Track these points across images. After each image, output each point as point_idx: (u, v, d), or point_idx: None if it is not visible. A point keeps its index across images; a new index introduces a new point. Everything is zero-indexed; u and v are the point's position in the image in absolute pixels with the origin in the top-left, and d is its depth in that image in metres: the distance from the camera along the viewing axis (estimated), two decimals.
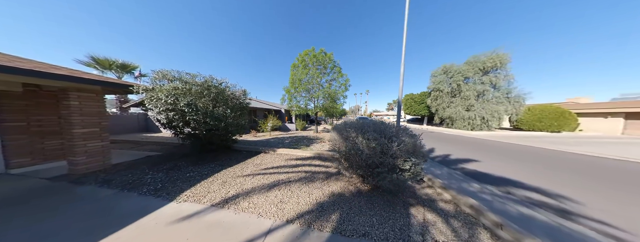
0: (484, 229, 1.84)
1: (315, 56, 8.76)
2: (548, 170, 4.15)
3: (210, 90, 3.95)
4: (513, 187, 3.12)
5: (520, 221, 1.97)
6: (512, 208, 2.33)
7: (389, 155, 2.25)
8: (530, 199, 2.65)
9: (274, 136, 8.57)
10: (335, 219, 1.97)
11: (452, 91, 15.25)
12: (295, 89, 9.06)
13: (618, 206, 2.56)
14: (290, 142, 6.86)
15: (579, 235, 1.86)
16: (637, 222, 2.18)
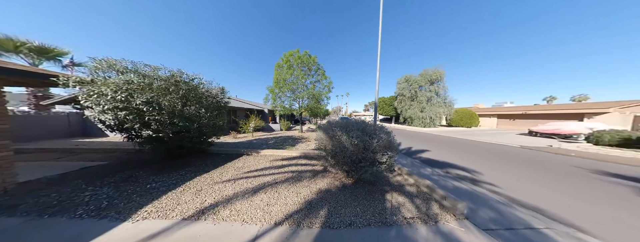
0: (435, 202, 2.16)
1: (300, 58, 8.50)
2: (466, 153, 5.36)
3: (178, 86, 3.23)
4: (450, 168, 3.85)
5: (454, 191, 2.47)
6: (449, 183, 2.88)
7: (370, 150, 2.34)
8: (459, 175, 3.33)
9: (256, 137, 7.83)
10: (323, 214, 1.91)
11: (411, 96, 17.79)
12: (279, 89, 8.54)
13: (499, 174, 3.46)
14: (275, 142, 6.41)
15: (481, 195, 2.42)
16: (505, 182, 3.01)
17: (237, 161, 3.86)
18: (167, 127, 2.90)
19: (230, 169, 3.33)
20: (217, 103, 4.09)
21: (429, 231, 1.64)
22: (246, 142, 6.52)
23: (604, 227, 1.87)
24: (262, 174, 3.06)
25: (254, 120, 8.19)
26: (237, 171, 3.19)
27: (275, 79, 8.66)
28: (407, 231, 1.63)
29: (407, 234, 1.59)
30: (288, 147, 5.34)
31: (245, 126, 8.09)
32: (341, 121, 3.07)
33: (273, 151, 4.68)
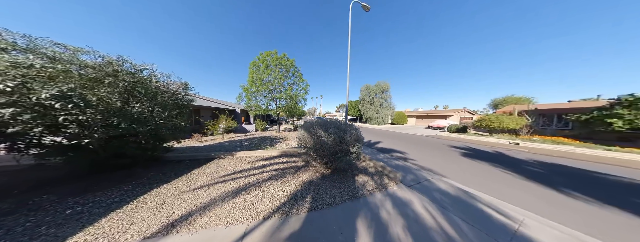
0: (385, 176, 2.83)
1: (278, 59, 8.00)
2: (404, 142, 7.18)
3: (118, 77, 2.33)
4: (397, 153, 5.01)
5: (394, 166, 3.32)
6: (392, 162, 3.80)
7: (344, 143, 2.69)
8: (400, 158, 4.44)
9: (228, 139, 6.68)
10: (308, 201, 2.03)
11: (370, 101, 21.18)
12: (256, 88, 7.67)
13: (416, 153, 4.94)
14: (251, 143, 5.76)
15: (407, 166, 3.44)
16: (417, 156, 4.36)
17: (207, 166, 3.23)
18: (96, 131, 2.03)
19: (201, 175, 2.77)
20: (176, 101, 3.23)
21: (381, 195, 2.15)
22: (216, 144, 5.47)
23: (447, 171, 3.12)
24: (241, 176, 2.76)
25: (224, 120, 6.95)
26: (210, 176, 2.70)
27: (251, 77, 7.75)
28: (370, 198, 2.06)
29: (369, 201, 2.01)
30: (267, 148, 4.99)
31: (213, 127, 6.72)
32: (320, 121, 3.28)
33: (251, 152, 4.24)
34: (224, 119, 6.95)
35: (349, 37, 5.38)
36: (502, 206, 1.98)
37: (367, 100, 21.57)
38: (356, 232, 1.48)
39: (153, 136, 2.67)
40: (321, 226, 1.55)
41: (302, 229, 1.52)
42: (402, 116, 21.84)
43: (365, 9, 5.54)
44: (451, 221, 1.65)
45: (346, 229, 1.52)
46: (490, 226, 1.61)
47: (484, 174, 3.21)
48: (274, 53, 8.04)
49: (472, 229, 1.55)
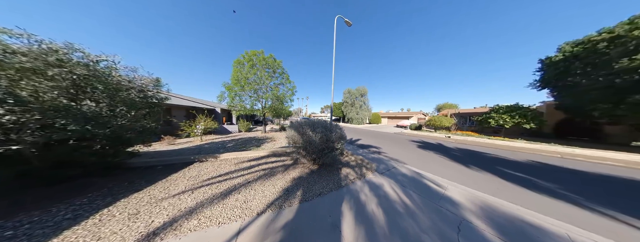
0: (364, 167, 3.26)
1: (265, 59, 7.59)
2: (379, 139, 8.17)
3: (63, 67, 1.84)
4: (373, 148, 5.70)
5: (371, 159, 3.84)
6: (369, 155, 4.35)
7: (330, 141, 2.97)
8: (375, 151, 5.11)
9: (208, 141, 5.92)
10: (299, 194, 2.16)
11: (352, 103, 22.76)
12: (241, 88, 7.05)
13: (387, 147, 5.85)
14: (236, 145, 5.33)
15: (381, 158, 4.08)
16: (388, 149, 5.21)
17: (187, 170, 2.89)
18: (30, 134, 1.57)
19: (181, 180, 2.48)
20: (146, 99, 2.75)
21: (361, 182, 2.51)
22: (194, 147, 4.81)
23: (407, 159, 3.89)
24: (229, 177, 2.62)
25: (203, 121, 6.13)
26: (193, 181, 2.46)
27: (235, 76, 7.10)
28: (352, 186, 2.38)
29: (351, 188, 2.33)
30: (253, 148, 4.77)
31: (189, 129, 5.83)
32: (309, 121, 3.45)
33: (236, 154, 3.99)
34: (203, 119, 6.12)
35: (334, 49, 5.76)
36: (437, 179, 2.68)
37: (349, 102, 23.16)
38: (341, 213, 1.74)
39: (114, 140, 2.21)
40: (312, 213, 1.74)
41: (295, 218, 1.65)
42: (377, 117, 24.45)
43: (347, 24, 6.06)
44: (407, 194, 2.15)
45: (333, 212, 1.76)
46: (430, 193, 2.20)
47: (429, 159, 4.23)
48: (260, 53, 7.64)
49: (419, 197, 2.08)
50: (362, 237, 1.39)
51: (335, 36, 5.78)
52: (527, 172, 3.44)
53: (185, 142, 5.50)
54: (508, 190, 2.56)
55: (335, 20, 5.67)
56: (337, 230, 1.47)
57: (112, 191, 2.03)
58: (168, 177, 2.54)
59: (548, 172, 3.48)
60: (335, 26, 5.71)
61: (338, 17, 5.66)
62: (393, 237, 1.40)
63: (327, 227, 1.50)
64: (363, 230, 1.48)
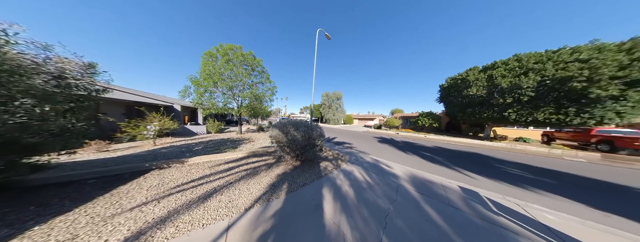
0: (340, 159, 3.76)
1: (244, 56, 6.67)
2: (351, 137, 9.29)
3: None
4: (347, 144, 6.47)
5: (345, 153, 4.45)
6: (344, 150, 4.98)
7: (312, 138, 3.23)
8: (348, 147, 5.89)
9: (166, 144, 4.58)
10: (286, 187, 2.26)
11: (329, 105, 24.08)
12: (213, 83, 5.88)
13: (357, 143, 6.93)
14: (206, 147, 4.47)
15: (352, 152, 4.83)
16: (357, 144, 6.22)
17: (142, 180, 2.27)
18: None
19: (137, 191, 1.95)
20: (67, 89, 1.91)
21: (337, 171, 2.93)
22: (146, 153, 3.65)
23: (370, 151, 4.87)
24: (206, 181, 2.32)
25: (158, 120, 4.70)
26: (156, 190, 2.00)
27: (204, 70, 5.88)
28: (330, 175, 2.75)
29: (330, 176, 2.69)
30: (230, 150, 4.24)
31: (135, 130, 4.29)
32: (292, 121, 3.55)
33: (210, 157, 3.45)
34: (157, 119, 4.68)
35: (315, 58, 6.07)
36: (388, 162, 3.57)
37: (327, 104, 24.51)
38: (322, 196, 2.03)
39: (7, 147, 1.44)
40: (299, 201, 1.93)
41: (283, 206, 1.77)
42: (350, 118, 27.17)
43: (327, 37, 6.56)
44: (369, 175, 2.77)
45: (316, 196, 2.02)
46: (383, 172, 2.94)
47: (384, 150, 5.43)
48: (238, 48, 6.74)
49: (377, 176, 2.75)
50: (338, 209, 1.74)
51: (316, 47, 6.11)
52: (431, 152, 5.30)
53: (126, 148, 4.03)
54: (421, 164, 3.88)
55: (317, 33, 6.02)
56: (320, 208, 1.75)
57: (6, 221, 1.33)
58: (113, 190, 1.92)
59: (439, 152, 5.43)
60: (317, 38, 6.06)
61: (319, 30, 6.03)
62: (359, 204, 1.84)
63: (311, 208, 1.74)
64: (339, 204, 1.84)
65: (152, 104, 6.21)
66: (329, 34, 6.44)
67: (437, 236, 1.39)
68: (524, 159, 4.98)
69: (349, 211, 1.70)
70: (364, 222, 1.52)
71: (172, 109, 7.21)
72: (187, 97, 5.92)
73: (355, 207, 1.78)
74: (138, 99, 5.90)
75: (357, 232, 1.38)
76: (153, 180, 2.25)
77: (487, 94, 8.34)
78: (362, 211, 1.72)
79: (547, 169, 3.86)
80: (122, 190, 1.93)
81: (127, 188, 1.98)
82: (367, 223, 1.51)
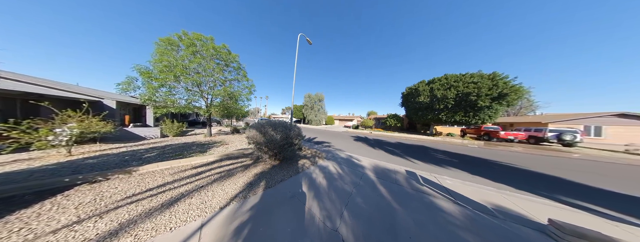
0: (317, 157, 4.09)
1: (216, 49, 5.78)
2: (330, 136, 9.95)
3: None
4: (326, 143, 6.95)
5: (323, 151, 4.86)
6: (322, 149, 5.40)
7: (290, 137, 3.37)
8: (327, 145, 6.38)
9: (90, 153, 3.39)
10: (263, 184, 2.33)
11: (311, 106, 24.35)
12: (174, 77, 4.85)
13: (335, 141, 7.63)
14: (163, 153, 3.72)
15: (330, 149, 5.35)
16: (336, 143, 6.88)
17: (63, 199, 1.76)
18: None
19: (60, 212, 1.53)
20: None
21: (313, 167, 3.23)
22: (57, 166, 2.66)
23: (346, 148, 5.55)
24: (168, 188, 2.07)
25: (76, 120, 3.45)
26: (92, 206, 1.64)
27: (162, 60, 4.81)
28: (307, 171, 3.01)
29: (307, 172, 2.95)
30: (197, 154, 3.76)
31: (29, 135, 2.98)
32: (270, 122, 3.60)
33: (170, 163, 2.98)
34: (76, 118, 3.44)
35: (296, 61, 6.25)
36: (359, 157, 4.22)
37: (309, 106, 24.83)
38: (298, 188, 2.27)
39: None
40: (276, 194, 2.08)
41: (261, 201, 1.87)
42: (331, 119, 28.50)
43: (308, 42, 6.89)
44: (342, 169, 3.24)
45: (293, 189, 2.23)
46: (353, 165, 3.49)
47: (358, 146, 6.25)
48: (209, 39, 5.92)
49: (347, 168, 3.25)
50: (311, 196, 2.04)
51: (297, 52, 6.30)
52: (394, 146, 6.59)
53: (9, 162, 2.77)
54: (385, 156, 4.80)
55: (298, 38, 6.23)
56: (295, 198, 1.99)
57: None
58: (10, 216, 1.42)
59: (399, 146, 6.83)
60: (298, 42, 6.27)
61: (300, 35, 6.27)
62: (330, 191, 2.21)
63: (287, 199, 1.95)
64: (312, 193, 2.14)
65: (66, 98, 4.42)
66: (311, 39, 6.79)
67: (383, 204, 1.93)
68: (448, 147, 7.14)
69: (320, 197, 2.03)
70: (332, 203, 1.89)
71: (102, 106, 5.37)
72: (131, 91, 4.63)
73: (326, 193, 2.14)
74: (36, 90, 4.04)
75: (325, 211, 1.72)
76: (83, 197, 1.78)
77: (430, 102, 11.29)
78: (331, 195, 2.09)
79: (457, 153, 5.76)
80: (27, 214, 1.46)
81: (37, 211, 1.50)
82: (333, 203, 1.89)
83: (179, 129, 6.70)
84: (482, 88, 8.87)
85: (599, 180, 3.36)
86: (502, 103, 8.81)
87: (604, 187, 2.98)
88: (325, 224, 1.50)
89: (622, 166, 4.89)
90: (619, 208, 2.25)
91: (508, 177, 3.37)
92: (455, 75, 10.40)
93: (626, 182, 3.33)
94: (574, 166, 4.52)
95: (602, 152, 7.33)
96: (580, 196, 2.60)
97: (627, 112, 10.29)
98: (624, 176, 3.83)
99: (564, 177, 3.49)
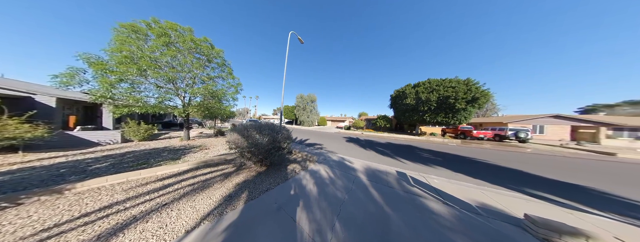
0: (308, 160, 3.90)
1: (195, 41, 5.10)
2: (323, 138, 9.83)
3: None
4: (318, 145, 6.77)
5: (315, 153, 4.69)
6: (314, 151, 5.22)
7: (277, 141, 3.05)
8: (319, 147, 6.22)
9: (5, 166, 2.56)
10: (245, 195, 2.04)
11: (304, 107, 24.01)
12: (139, 71, 4.06)
13: (327, 143, 7.55)
14: (120, 163, 3.02)
15: (322, 152, 5.21)
16: (328, 145, 6.79)
17: None
18: None
19: None
20: None
21: (304, 172, 3.02)
22: None
23: (338, 150, 5.51)
24: (118, 209, 1.64)
25: None
26: None
27: (123, 49, 4.02)
28: (296, 177, 2.78)
29: (296, 178, 2.73)
30: (168, 162, 3.21)
31: None
32: (254, 124, 3.28)
33: (126, 175, 2.43)
34: None
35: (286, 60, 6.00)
36: (351, 159, 4.17)
37: (301, 106, 24.48)
38: (286, 197, 2.03)
39: None
40: (260, 206, 1.83)
41: (240, 217, 1.59)
42: (323, 120, 28.52)
43: (300, 41, 6.71)
44: (334, 172, 3.11)
45: (280, 199, 1.99)
46: (346, 167, 3.39)
47: (349, 147, 6.25)
48: (187, 30, 5.25)
49: (340, 172, 3.12)
50: (301, 208, 1.84)
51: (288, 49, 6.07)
52: (383, 147, 6.79)
53: None
54: (376, 157, 4.86)
55: (289, 36, 6.01)
56: (282, 210, 1.76)
57: None
58: None
59: (388, 146, 7.07)
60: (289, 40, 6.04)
61: (291, 33, 6.06)
62: (321, 200, 2.03)
63: (272, 212, 1.72)
64: (301, 203, 1.94)
65: None
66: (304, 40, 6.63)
67: (375, 210, 1.84)
68: (432, 146, 7.68)
69: (310, 206, 1.84)
70: (322, 213, 1.72)
71: (33, 104, 4.21)
72: (76, 86, 3.73)
73: (316, 202, 1.96)
74: None
75: (315, 224, 1.54)
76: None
77: (415, 104, 12.14)
78: (322, 203, 1.92)
79: (440, 152, 6.20)
80: None
81: None
82: (324, 213, 1.72)
83: (148, 132, 5.75)
84: (459, 92, 9.94)
85: (548, 171, 3.98)
86: (475, 105, 9.99)
87: (552, 177, 3.53)
88: (314, 241, 1.31)
89: (560, 158, 6.03)
90: (565, 196, 2.63)
91: (483, 173, 3.70)
92: (437, 80, 11.42)
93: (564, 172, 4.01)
94: (528, 160, 5.35)
95: (545, 146, 9.01)
96: (537, 186, 2.98)
97: (560, 114, 13.05)
98: (562, 167, 4.65)
99: (524, 170, 4.04)
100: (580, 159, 6.08)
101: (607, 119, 12.22)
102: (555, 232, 1.49)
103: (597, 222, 1.86)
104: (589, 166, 4.88)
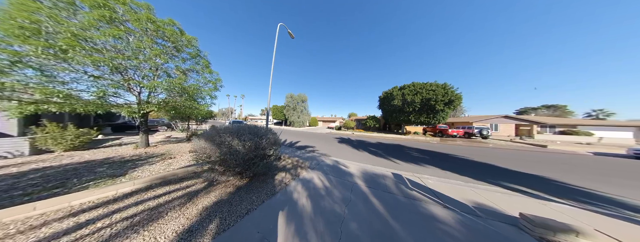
0: (299, 167, 3.46)
1: (156, 23, 4.00)
2: (314, 139, 9.49)
3: None
4: (310, 148, 6.36)
5: (306, 158, 4.30)
6: (305, 155, 4.82)
7: (260, 148, 2.50)
8: (311, 150, 5.84)
9: None
10: (216, 224, 1.52)
11: (294, 107, 23.06)
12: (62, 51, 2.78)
13: (319, 145, 7.24)
14: (7, 190, 1.98)
15: (314, 156, 4.86)
16: (321, 147, 6.50)
17: None
18: None
19: None
20: None
21: (295, 182, 2.61)
22: None
23: (331, 152, 5.26)
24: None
25: None
26: None
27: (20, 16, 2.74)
28: (286, 188, 2.35)
29: (286, 190, 2.30)
30: (102, 182, 2.32)
31: None
32: (231, 127, 2.68)
33: (15, 210, 1.56)
34: None
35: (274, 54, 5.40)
36: (345, 162, 3.92)
37: (291, 106, 23.52)
38: (272, 222, 1.58)
39: None
40: (237, 238, 1.35)
41: None
42: (314, 120, 28.14)
43: (291, 35, 6.15)
44: (328, 178, 2.78)
45: (264, 224, 1.54)
46: (341, 172, 3.11)
47: (342, 148, 6.11)
48: (143, 6, 4.11)
49: (336, 180, 2.81)
50: (291, 235, 1.43)
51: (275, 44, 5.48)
52: (375, 147, 6.88)
53: None
54: (369, 158, 4.79)
55: (278, 28, 5.43)
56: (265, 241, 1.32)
57: None
58: None
59: (379, 146, 7.22)
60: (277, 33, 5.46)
61: (280, 26, 5.49)
62: (317, 219, 1.67)
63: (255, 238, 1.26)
64: (293, 227, 1.53)
65: None
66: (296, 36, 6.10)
67: (379, 224, 1.59)
68: (418, 144, 8.25)
69: (304, 231, 1.46)
70: (320, 239, 1.35)
71: None
72: None
73: (311, 222, 1.59)
74: None
75: None
76: None
77: (401, 105, 12.97)
78: (318, 224, 1.56)
79: (426, 150, 6.64)
80: None
81: None
82: (322, 239, 1.36)
83: (81, 138, 4.30)
84: (438, 95, 11.08)
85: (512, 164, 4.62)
86: (451, 107, 11.28)
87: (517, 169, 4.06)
88: None
89: (514, 151, 7.29)
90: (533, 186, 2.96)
91: (467, 169, 3.98)
92: (420, 84, 12.48)
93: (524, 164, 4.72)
94: (494, 154, 6.25)
95: (501, 142, 11.24)
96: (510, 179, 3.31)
97: (508, 115, 16.60)
98: (520, 159, 5.54)
99: (495, 164, 4.58)
100: (526, 151, 7.44)
101: (537, 119, 15.99)
102: (550, 230, 1.51)
103: (574, 214, 2.03)
104: (535, 157, 5.92)
